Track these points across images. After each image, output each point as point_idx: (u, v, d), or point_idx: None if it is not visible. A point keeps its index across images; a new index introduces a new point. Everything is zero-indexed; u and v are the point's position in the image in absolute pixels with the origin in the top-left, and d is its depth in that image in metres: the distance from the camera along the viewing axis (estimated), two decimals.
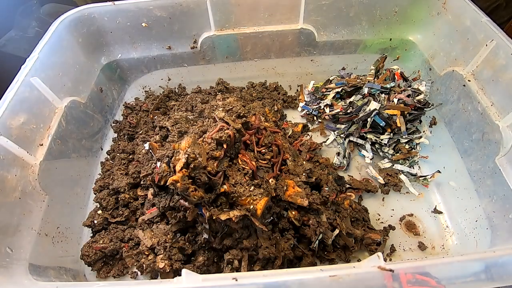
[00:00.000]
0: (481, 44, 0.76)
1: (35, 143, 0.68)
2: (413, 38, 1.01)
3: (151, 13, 0.91)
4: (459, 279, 0.45)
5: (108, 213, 0.75)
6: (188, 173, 0.54)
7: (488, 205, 0.69)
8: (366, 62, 1.06)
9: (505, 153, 0.66)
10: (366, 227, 0.72)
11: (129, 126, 0.95)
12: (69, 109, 0.78)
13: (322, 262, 0.69)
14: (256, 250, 0.61)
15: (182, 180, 0.53)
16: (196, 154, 0.54)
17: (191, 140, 0.56)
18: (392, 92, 0.87)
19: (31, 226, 0.62)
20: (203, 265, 0.62)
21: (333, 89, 0.95)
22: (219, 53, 1.04)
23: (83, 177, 0.83)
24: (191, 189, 0.53)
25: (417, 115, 0.86)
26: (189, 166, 0.54)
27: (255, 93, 1.02)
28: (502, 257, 0.46)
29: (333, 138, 0.92)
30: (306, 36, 1.00)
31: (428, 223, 0.76)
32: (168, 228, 0.65)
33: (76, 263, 0.70)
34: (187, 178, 0.54)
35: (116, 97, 1.03)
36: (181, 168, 0.53)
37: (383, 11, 0.96)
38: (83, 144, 0.85)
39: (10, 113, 0.64)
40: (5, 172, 0.60)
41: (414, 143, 0.87)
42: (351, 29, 1.00)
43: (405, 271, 0.44)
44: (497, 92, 0.72)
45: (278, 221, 0.64)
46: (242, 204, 0.57)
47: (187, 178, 0.54)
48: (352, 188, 0.80)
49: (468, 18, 0.81)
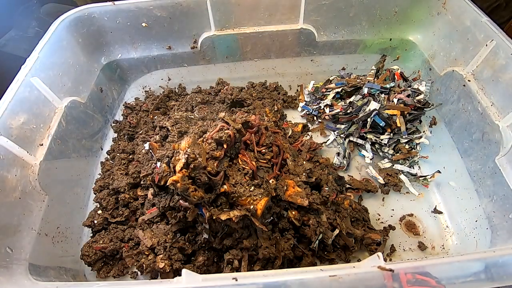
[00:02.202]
0: (481, 44, 0.76)
1: (35, 143, 0.68)
2: (413, 38, 1.01)
3: (151, 13, 0.91)
4: (459, 279, 0.45)
5: (108, 213, 0.75)
6: (188, 173, 0.54)
7: (488, 205, 0.69)
8: (366, 62, 1.06)
9: (505, 153, 0.66)
10: (366, 227, 0.72)
11: (129, 126, 0.95)
12: (69, 109, 0.78)
13: (322, 262, 0.69)
14: (256, 250, 0.61)
15: (182, 180, 0.53)
16: (196, 154, 0.54)
17: (191, 140, 0.56)
18: (392, 92, 0.87)
19: (31, 226, 0.62)
20: (203, 265, 0.62)
21: (333, 89, 0.95)
22: (219, 53, 1.04)
23: (83, 177, 0.83)
24: (191, 189, 0.53)
25: (417, 115, 0.86)
26: (189, 166, 0.54)
27: (255, 93, 1.02)
28: (502, 257, 0.46)
29: (333, 138, 0.92)
30: (306, 36, 1.00)
31: (428, 223, 0.76)
32: (168, 228, 0.65)
33: (76, 263, 0.70)
34: (187, 178, 0.54)
35: (116, 97, 1.03)
36: (181, 168, 0.53)
37: (383, 11, 0.96)
38: (83, 144, 0.85)
39: (10, 113, 0.64)
40: (5, 172, 0.60)
41: (414, 143, 0.87)
42: (351, 29, 1.00)
43: (405, 271, 0.44)
44: (497, 92, 0.72)
45: (278, 221, 0.64)
46: (242, 204, 0.57)
47: (187, 178, 0.54)
48: (352, 188, 0.80)
49: (468, 18, 0.81)
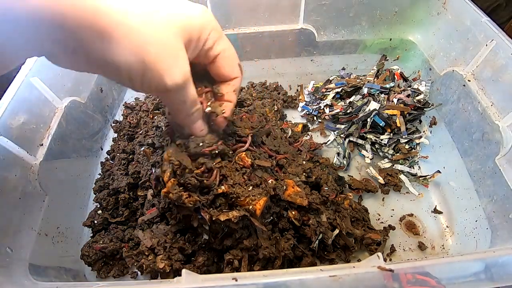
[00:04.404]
0: (481, 44, 0.76)
1: (35, 143, 0.68)
2: (413, 38, 1.01)
3: None
4: (459, 279, 0.45)
5: (108, 213, 0.75)
6: (178, 181, 0.54)
7: (488, 205, 0.69)
8: (366, 62, 1.06)
9: (505, 153, 0.66)
10: (366, 227, 0.72)
11: (129, 126, 0.95)
12: (69, 109, 0.78)
13: (322, 262, 0.69)
14: (256, 250, 0.61)
15: (173, 190, 0.52)
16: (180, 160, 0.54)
17: (171, 149, 0.55)
18: (391, 92, 0.87)
19: (31, 226, 0.62)
20: (203, 265, 0.62)
21: (333, 89, 0.95)
22: None
23: (83, 177, 0.83)
24: (184, 196, 0.53)
25: (417, 115, 0.86)
26: (176, 174, 0.54)
27: (255, 93, 1.02)
28: (502, 257, 0.46)
29: (333, 138, 0.92)
30: (306, 36, 1.00)
31: (428, 223, 0.76)
32: (168, 228, 0.65)
33: (76, 263, 0.70)
34: (178, 186, 0.53)
35: (116, 97, 1.03)
36: (169, 178, 0.53)
37: (383, 11, 0.96)
38: (83, 144, 0.85)
39: (10, 113, 0.64)
40: (5, 172, 0.60)
41: (414, 143, 0.87)
42: (351, 29, 1.00)
43: (405, 271, 0.44)
44: (497, 92, 0.71)
45: (278, 221, 0.64)
46: (241, 204, 0.57)
47: (177, 186, 0.53)
48: (352, 188, 0.80)
49: (468, 18, 0.81)
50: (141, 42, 0.37)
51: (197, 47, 0.45)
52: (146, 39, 0.37)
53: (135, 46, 0.37)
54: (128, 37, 0.36)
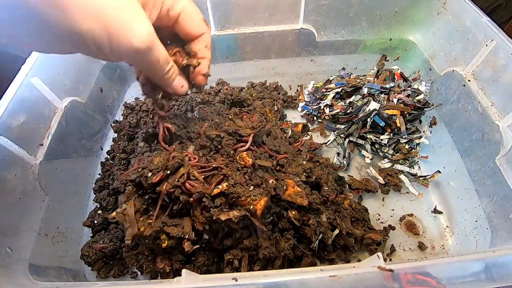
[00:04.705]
0: (481, 44, 0.76)
1: (35, 143, 0.68)
2: (413, 38, 1.01)
3: None
4: (459, 279, 0.45)
5: (108, 213, 0.75)
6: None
7: (488, 205, 0.69)
8: (366, 62, 1.06)
9: (505, 153, 0.66)
10: (366, 227, 0.72)
11: (129, 126, 0.95)
12: (69, 109, 0.78)
13: (322, 262, 0.69)
14: (256, 250, 0.61)
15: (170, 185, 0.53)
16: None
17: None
18: (391, 92, 0.87)
19: (31, 226, 0.62)
20: (203, 265, 0.62)
21: (333, 89, 0.95)
22: (219, 53, 1.04)
23: (83, 177, 0.83)
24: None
25: (417, 115, 0.86)
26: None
27: (255, 93, 1.02)
28: (502, 257, 0.46)
29: (333, 138, 0.92)
30: (306, 36, 1.00)
31: (428, 223, 0.76)
32: None
33: (76, 263, 0.70)
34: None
35: (116, 97, 1.03)
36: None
37: (383, 11, 0.96)
38: (83, 144, 0.85)
39: (10, 113, 0.64)
40: (5, 172, 0.60)
41: (414, 143, 0.87)
42: (351, 29, 1.00)
43: (405, 271, 0.44)
44: (497, 92, 0.71)
45: (278, 221, 0.64)
46: (242, 204, 0.57)
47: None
48: (352, 188, 0.80)
49: (468, 18, 0.81)
50: (97, 6, 0.38)
51: (156, 7, 0.46)
52: (102, 2, 0.38)
53: (92, 11, 0.38)
54: (83, 3, 0.37)
